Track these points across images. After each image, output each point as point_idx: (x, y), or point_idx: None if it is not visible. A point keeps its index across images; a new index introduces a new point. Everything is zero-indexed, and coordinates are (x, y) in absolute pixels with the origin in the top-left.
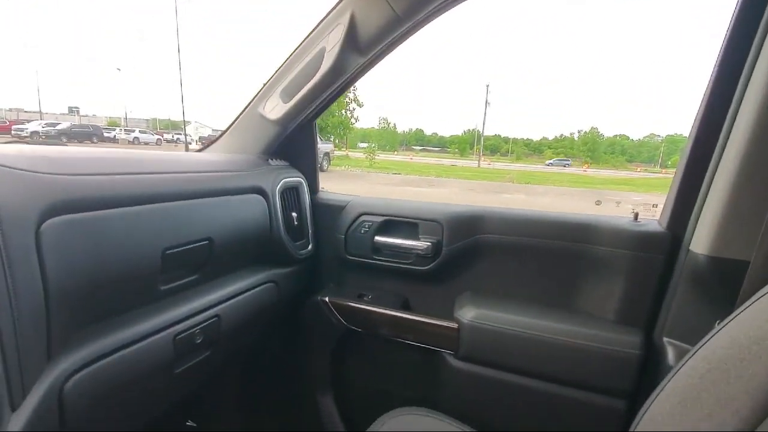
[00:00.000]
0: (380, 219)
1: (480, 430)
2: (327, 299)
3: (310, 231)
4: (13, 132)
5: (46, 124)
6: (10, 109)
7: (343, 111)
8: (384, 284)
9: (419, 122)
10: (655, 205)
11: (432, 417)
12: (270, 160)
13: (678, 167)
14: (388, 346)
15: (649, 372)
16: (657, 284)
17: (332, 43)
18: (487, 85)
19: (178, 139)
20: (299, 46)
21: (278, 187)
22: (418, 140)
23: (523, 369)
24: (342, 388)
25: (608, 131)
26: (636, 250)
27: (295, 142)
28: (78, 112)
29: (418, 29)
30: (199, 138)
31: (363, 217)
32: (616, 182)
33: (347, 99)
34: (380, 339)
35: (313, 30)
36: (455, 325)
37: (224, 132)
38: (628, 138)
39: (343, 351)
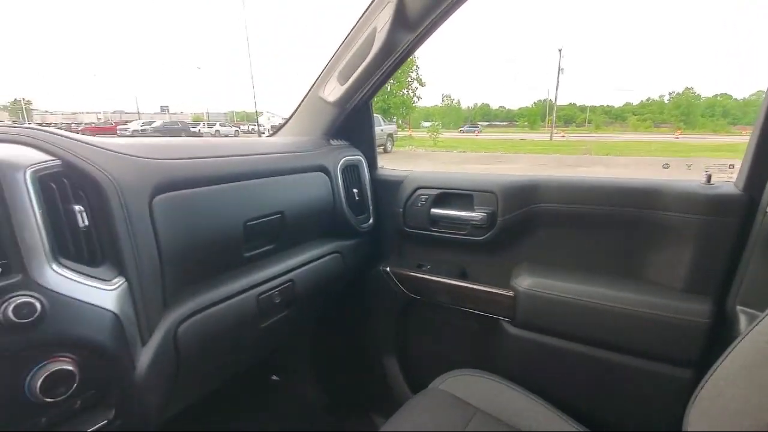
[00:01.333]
0: (435, 192)
1: (536, 393)
2: (388, 269)
3: (370, 206)
4: (117, 132)
5: (143, 123)
6: (114, 112)
7: (405, 90)
8: (441, 255)
9: (485, 96)
10: (731, 166)
11: (488, 378)
12: (331, 141)
13: (755, 124)
14: (447, 313)
15: (719, 341)
16: (730, 250)
17: (382, 22)
18: (560, 50)
19: (252, 129)
20: (352, 29)
21: (339, 165)
22: (484, 115)
23: (582, 336)
24: (404, 351)
25: (706, 91)
26: (708, 214)
27: (353, 122)
28: (168, 110)
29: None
30: (271, 126)
31: (419, 191)
32: (713, 148)
33: (409, 78)
34: (439, 306)
35: (365, 12)
36: (511, 294)
37: (289, 117)
38: (731, 97)
39: (405, 317)
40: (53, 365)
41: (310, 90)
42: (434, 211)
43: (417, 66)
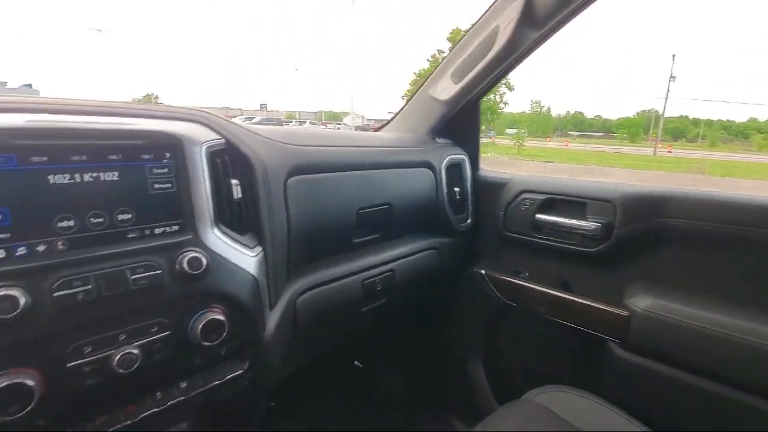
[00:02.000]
0: (542, 197)
1: (642, 422)
2: (484, 272)
3: (470, 206)
4: None
5: (245, 118)
6: (222, 107)
7: (492, 95)
8: (542, 263)
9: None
10: None
11: (588, 397)
12: (436, 138)
13: None
14: (544, 324)
15: None
16: None
17: (507, 19)
18: (674, 56)
19: (338, 128)
20: (471, 28)
21: (444, 162)
22: (576, 125)
23: (705, 369)
24: (493, 359)
25: None
26: None
27: (459, 121)
28: (266, 107)
29: None
30: (355, 127)
31: (524, 195)
32: None
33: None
34: (535, 316)
35: (487, 10)
36: (625, 313)
37: (397, 114)
38: None
39: (497, 323)
40: (210, 314)
41: (419, 88)
42: (539, 216)
43: None
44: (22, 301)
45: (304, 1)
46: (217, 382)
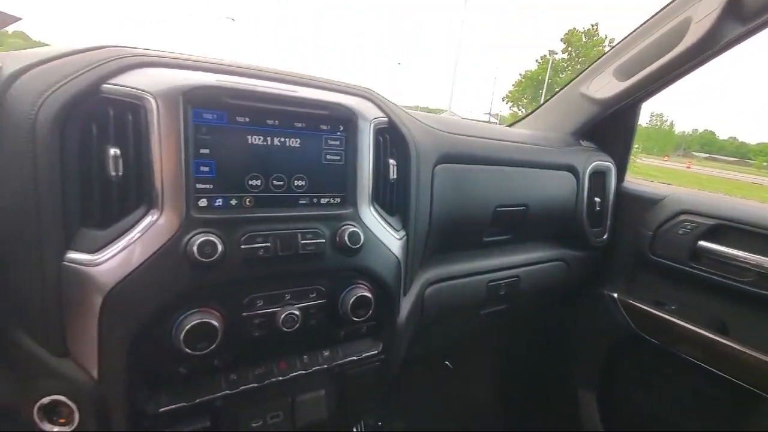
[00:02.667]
0: (710, 222)
1: None
2: (616, 296)
3: (608, 219)
4: None
5: None
6: None
7: None
8: (695, 297)
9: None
10: None
11: None
12: (581, 141)
13: None
14: (685, 367)
15: None
16: None
17: (705, 10)
18: None
19: None
20: (648, 20)
21: (589, 168)
22: (704, 145)
23: None
24: (609, 392)
25: None
26: None
27: (610, 124)
28: None
29: None
30: None
31: (684, 216)
32: None
33: None
34: (675, 357)
35: (672, 1)
36: None
37: (534, 110)
38: None
39: (621, 354)
40: (359, 290)
41: (566, 85)
42: (702, 244)
43: None
44: (219, 248)
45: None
46: (354, 358)
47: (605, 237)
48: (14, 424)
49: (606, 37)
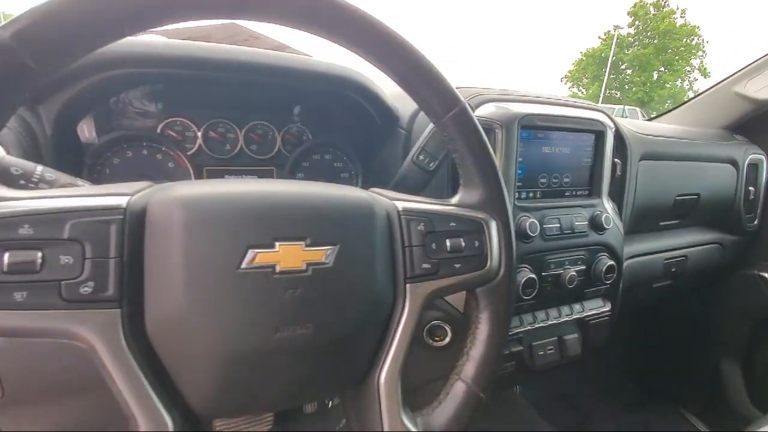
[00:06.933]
0: None
1: None
2: (766, 275)
3: (759, 207)
4: None
5: None
6: None
7: (679, 81)
8: None
9: None
10: None
11: None
12: (735, 135)
13: None
14: None
15: None
16: None
17: None
18: None
19: None
20: None
21: (747, 161)
22: None
23: None
24: (755, 364)
25: None
26: None
27: (759, 120)
28: None
29: None
30: None
31: None
32: None
33: (688, 67)
34: None
35: None
36: None
37: (679, 106)
38: None
39: (766, 331)
40: (606, 260)
41: (718, 84)
42: None
43: (704, 51)
44: (538, 227)
45: None
46: (595, 312)
47: (756, 222)
48: None
49: (678, 8)
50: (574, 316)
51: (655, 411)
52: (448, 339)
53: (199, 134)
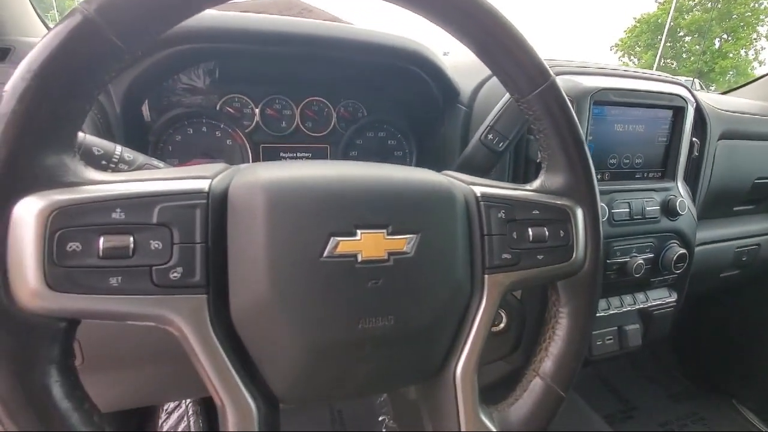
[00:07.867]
0: None
1: None
2: None
3: None
4: None
5: None
6: None
7: (744, 50)
8: None
9: None
10: None
11: None
12: None
13: None
14: None
15: None
16: None
17: None
18: None
19: None
20: None
21: None
22: None
23: None
24: None
25: None
26: None
27: None
28: None
29: None
30: None
31: None
32: None
33: (754, 34)
34: None
35: None
36: None
37: (756, 79)
38: None
39: None
40: (677, 249)
41: None
42: None
43: None
44: (605, 212)
45: None
46: (659, 302)
47: None
48: None
49: None
50: (637, 306)
51: (705, 401)
52: (503, 325)
53: (257, 111)
